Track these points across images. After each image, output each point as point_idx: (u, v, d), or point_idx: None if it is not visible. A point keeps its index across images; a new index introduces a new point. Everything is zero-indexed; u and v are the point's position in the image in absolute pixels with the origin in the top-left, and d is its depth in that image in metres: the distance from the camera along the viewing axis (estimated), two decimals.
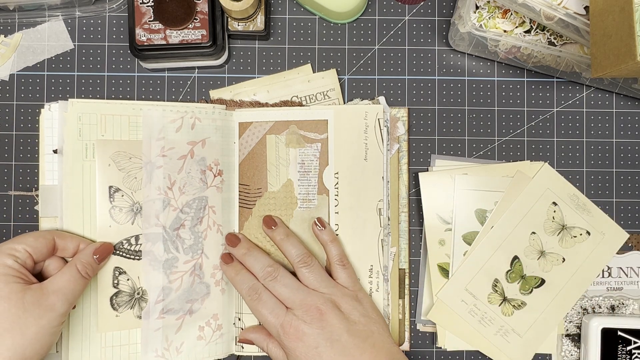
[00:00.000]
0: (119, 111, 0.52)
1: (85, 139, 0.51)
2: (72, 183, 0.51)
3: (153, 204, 0.52)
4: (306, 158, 0.55)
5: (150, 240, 0.52)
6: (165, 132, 0.53)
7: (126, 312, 0.52)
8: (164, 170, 0.53)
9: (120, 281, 0.52)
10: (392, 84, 0.58)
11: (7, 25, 0.58)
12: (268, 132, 0.55)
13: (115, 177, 0.52)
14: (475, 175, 0.57)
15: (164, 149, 0.53)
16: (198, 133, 0.54)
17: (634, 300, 0.58)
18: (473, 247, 0.56)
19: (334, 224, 0.55)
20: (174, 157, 0.53)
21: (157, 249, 0.52)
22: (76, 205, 0.51)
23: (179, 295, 0.53)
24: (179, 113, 0.53)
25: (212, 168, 0.54)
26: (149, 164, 0.52)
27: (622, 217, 0.58)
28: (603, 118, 0.59)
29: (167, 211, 0.53)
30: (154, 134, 0.53)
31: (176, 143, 0.53)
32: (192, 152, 0.53)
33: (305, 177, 0.55)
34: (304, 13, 0.59)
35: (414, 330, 0.58)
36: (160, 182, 0.52)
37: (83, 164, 0.51)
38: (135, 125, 0.53)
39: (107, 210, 0.52)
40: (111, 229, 0.52)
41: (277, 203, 0.55)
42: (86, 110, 0.51)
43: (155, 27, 0.53)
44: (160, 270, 0.52)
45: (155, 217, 0.52)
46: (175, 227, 0.53)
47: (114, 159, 0.52)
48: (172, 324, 0.52)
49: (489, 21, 0.54)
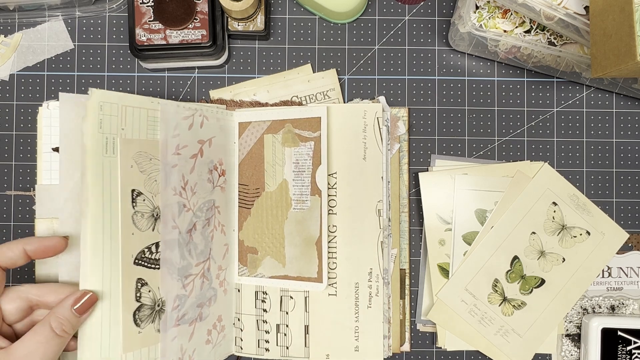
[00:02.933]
0: (138, 103, 0.47)
1: (105, 132, 0.45)
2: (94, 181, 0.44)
3: (170, 207, 0.49)
4: (300, 157, 0.54)
5: (169, 247, 0.48)
6: (179, 129, 0.50)
7: (148, 327, 0.47)
8: (179, 170, 0.50)
9: (142, 294, 0.47)
10: (392, 84, 0.58)
11: (7, 25, 0.58)
12: (265, 132, 0.55)
13: (138, 179, 0.47)
14: (475, 175, 0.56)
15: (179, 147, 0.50)
16: (206, 132, 0.53)
17: (634, 300, 0.58)
18: (473, 247, 0.56)
19: (332, 226, 0.54)
20: (187, 156, 0.51)
21: (174, 256, 0.49)
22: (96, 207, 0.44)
23: (192, 300, 0.51)
24: (190, 110, 0.51)
25: (217, 168, 0.54)
26: (165, 162, 0.48)
27: (622, 217, 0.58)
28: (603, 118, 0.59)
29: (182, 213, 0.50)
30: (169, 130, 0.49)
31: (189, 141, 0.51)
32: (201, 151, 0.52)
33: (299, 177, 0.54)
34: (304, 13, 0.59)
35: (414, 330, 0.58)
36: (176, 182, 0.49)
37: (103, 160, 0.45)
38: (153, 121, 0.48)
39: (130, 216, 0.46)
40: (134, 237, 0.46)
41: (273, 204, 0.55)
42: (108, 99, 0.45)
43: (155, 27, 0.53)
44: (175, 276, 0.49)
45: (172, 220, 0.49)
46: (188, 230, 0.50)
47: (136, 159, 0.47)
48: (185, 331, 0.50)
49: (489, 21, 0.54)
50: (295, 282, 0.54)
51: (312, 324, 0.55)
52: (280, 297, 0.55)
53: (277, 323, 0.55)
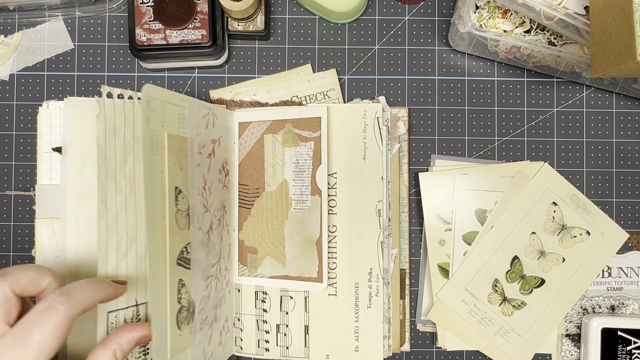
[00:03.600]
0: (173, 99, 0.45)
1: (152, 129, 0.42)
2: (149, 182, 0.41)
3: (195, 206, 0.47)
4: (300, 157, 0.54)
5: (197, 247, 0.47)
6: (200, 127, 0.48)
7: (185, 329, 0.45)
8: (200, 169, 0.48)
9: (182, 295, 0.45)
10: (392, 84, 0.58)
11: (7, 25, 0.58)
12: (265, 132, 0.55)
13: (179, 177, 0.45)
14: (475, 175, 0.56)
15: (200, 145, 0.48)
16: (217, 131, 0.52)
17: (634, 300, 0.58)
18: (473, 247, 0.56)
19: (332, 226, 0.54)
20: (205, 155, 0.49)
21: (201, 256, 0.48)
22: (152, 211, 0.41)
23: (210, 302, 0.50)
24: (206, 109, 0.49)
25: (224, 167, 0.54)
26: (192, 161, 0.47)
27: (622, 217, 0.58)
28: (603, 118, 0.59)
29: (204, 213, 0.49)
30: (194, 128, 0.47)
31: (206, 140, 0.50)
32: (214, 150, 0.51)
33: (299, 177, 0.54)
34: (304, 13, 0.59)
35: (414, 330, 0.58)
36: (199, 182, 0.48)
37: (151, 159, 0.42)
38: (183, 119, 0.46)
39: (173, 215, 0.44)
40: (177, 236, 0.44)
41: (273, 204, 0.55)
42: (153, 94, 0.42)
43: (155, 27, 0.53)
44: (201, 277, 0.48)
45: (198, 220, 0.47)
46: (207, 230, 0.49)
47: (178, 156, 0.45)
48: (206, 334, 0.49)
49: (489, 21, 0.54)
50: (296, 282, 0.54)
51: (312, 324, 0.55)
52: (281, 297, 0.55)
53: (277, 323, 0.55)
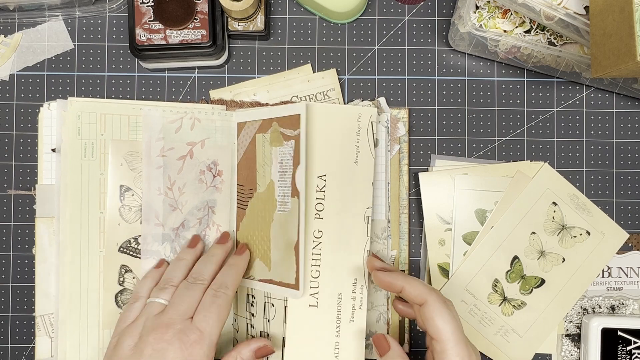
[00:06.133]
0: (118, 111, 0.53)
1: (84, 138, 0.52)
2: (70, 182, 0.52)
3: (152, 204, 0.52)
4: (284, 157, 0.51)
5: (149, 241, 0.53)
6: (164, 132, 0.53)
7: None
8: (164, 171, 0.53)
9: (125, 279, 0.53)
10: (392, 84, 0.58)
11: (7, 25, 0.58)
12: (257, 131, 0.53)
13: (127, 176, 0.53)
14: (475, 175, 0.57)
15: (164, 149, 0.53)
16: (197, 134, 0.54)
17: (634, 300, 0.58)
18: (473, 247, 0.56)
19: (318, 231, 0.51)
20: (174, 158, 0.53)
21: (163, 249, 0.53)
22: (74, 203, 0.52)
23: None
24: (178, 114, 0.53)
25: (212, 168, 0.54)
26: (148, 164, 0.52)
27: (622, 217, 0.58)
28: (603, 118, 0.59)
29: (167, 211, 0.53)
30: (154, 134, 0.53)
31: (175, 143, 0.53)
32: (191, 152, 0.53)
33: (283, 178, 0.51)
34: (304, 13, 0.59)
35: (414, 331, 0.58)
36: (160, 183, 0.53)
37: (82, 163, 0.52)
38: (135, 126, 0.53)
39: (117, 209, 0.52)
40: (120, 227, 0.52)
41: (262, 205, 0.52)
42: (85, 109, 0.52)
43: (155, 27, 0.53)
44: None
45: (155, 217, 0.52)
46: (175, 227, 0.53)
47: (127, 158, 0.53)
48: None
49: (489, 21, 0.54)
50: (278, 287, 0.50)
51: (290, 336, 0.50)
52: (264, 302, 0.52)
53: (261, 330, 0.52)
